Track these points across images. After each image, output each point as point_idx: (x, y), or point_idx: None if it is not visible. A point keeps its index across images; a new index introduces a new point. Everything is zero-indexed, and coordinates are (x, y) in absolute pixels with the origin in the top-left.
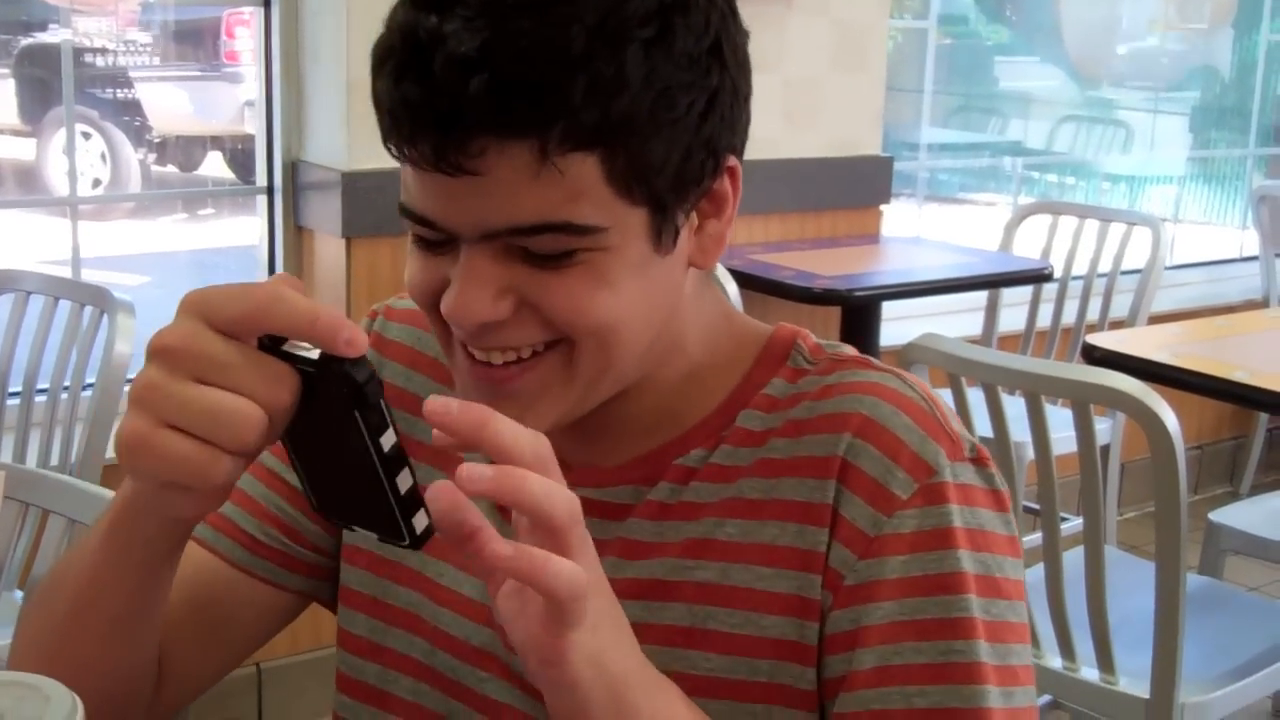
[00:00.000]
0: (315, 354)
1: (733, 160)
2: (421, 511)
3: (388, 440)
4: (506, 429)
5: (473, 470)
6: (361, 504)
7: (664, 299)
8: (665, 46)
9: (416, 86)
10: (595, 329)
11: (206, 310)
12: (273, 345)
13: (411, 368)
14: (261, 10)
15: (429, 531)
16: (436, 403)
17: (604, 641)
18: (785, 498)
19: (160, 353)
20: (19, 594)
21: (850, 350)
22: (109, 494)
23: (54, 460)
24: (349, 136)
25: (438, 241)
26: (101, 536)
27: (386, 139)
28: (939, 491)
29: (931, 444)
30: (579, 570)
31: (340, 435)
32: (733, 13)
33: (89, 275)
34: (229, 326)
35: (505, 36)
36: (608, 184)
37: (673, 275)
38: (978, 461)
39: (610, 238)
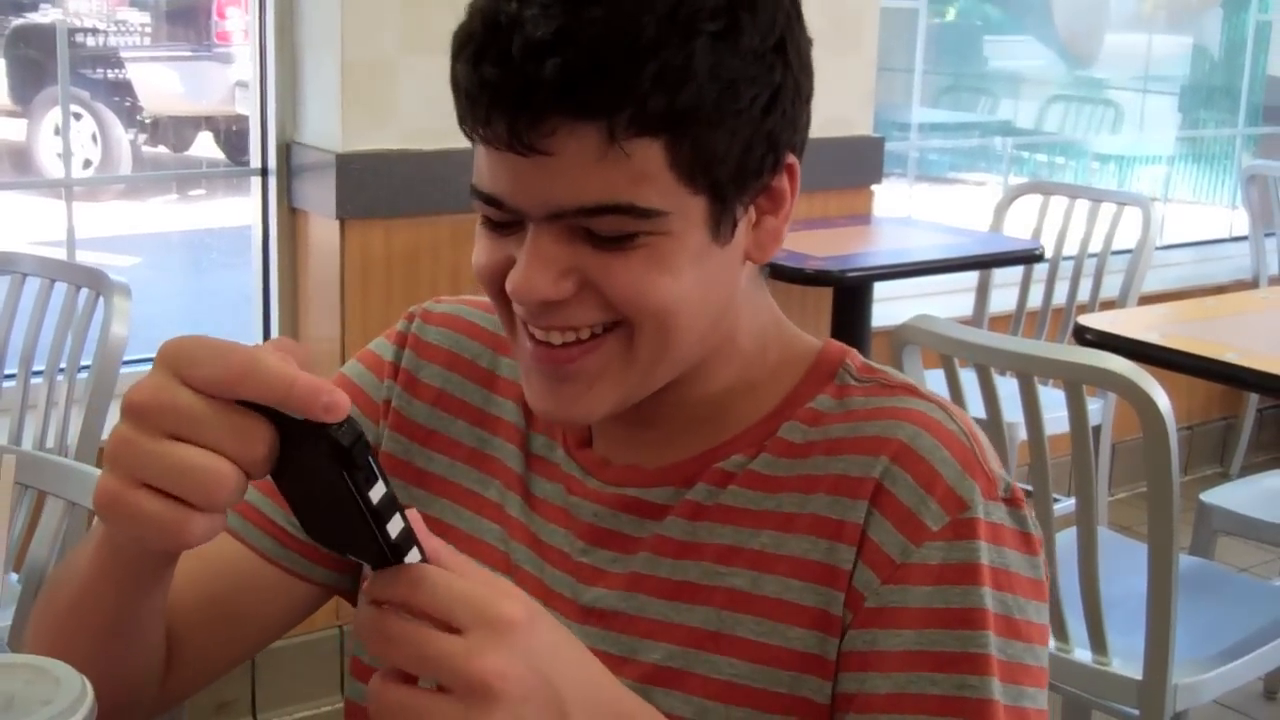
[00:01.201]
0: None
1: (792, 159)
2: (415, 550)
3: (376, 493)
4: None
5: None
6: (353, 539)
7: (720, 289)
8: (732, 40)
9: (494, 68)
10: (654, 311)
11: (180, 366)
12: None
13: (450, 369)
14: None
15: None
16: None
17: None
18: (819, 513)
19: (132, 409)
20: (14, 577)
21: (900, 376)
22: None
23: (50, 442)
24: (343, 118)
25: (504, 223)
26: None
27: (462, 121)
28: (970, 527)
29: (968, 480)
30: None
31: (327, 484)
32: (798, 16)
33: (80, 256)
34: (204, 388)
35: (579, 23)
36: (671, 170)
37: (729, 267)
38: (1011, 502)
39: (671, 223)
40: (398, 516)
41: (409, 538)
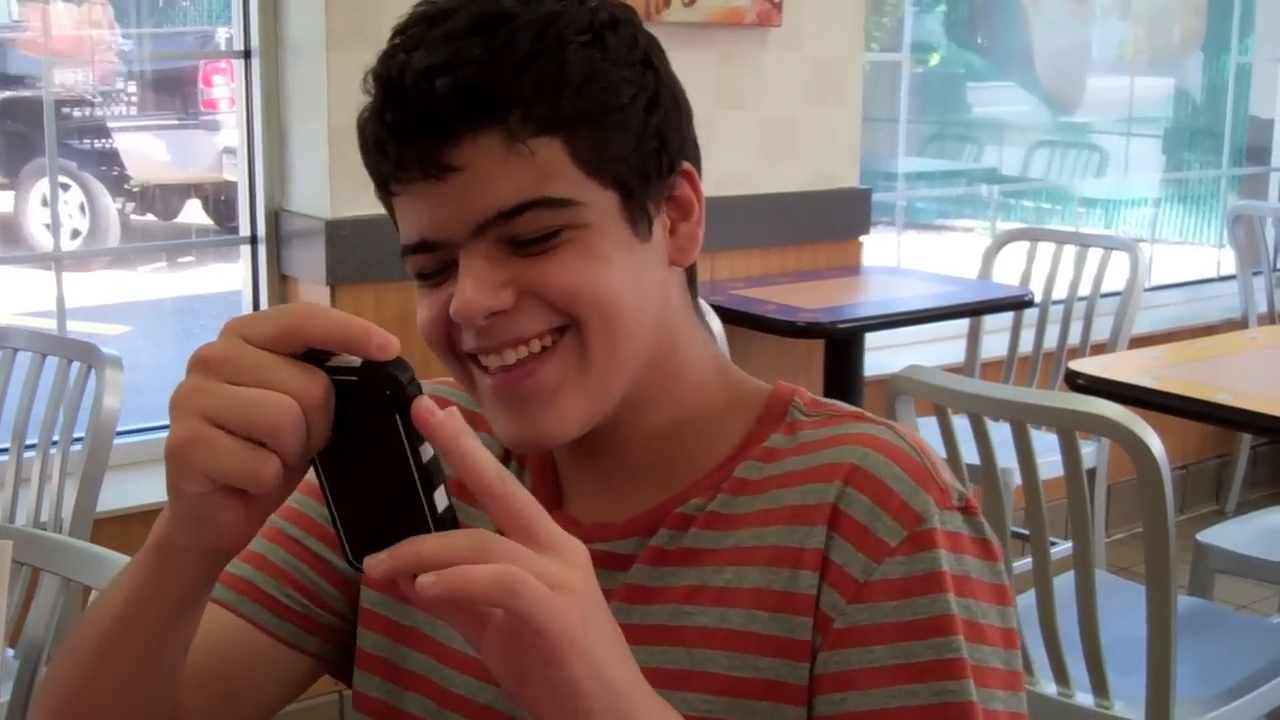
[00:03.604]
0: (357, 362)
1: (688, 166)
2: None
3: (426, 451)
4: (476, 444)
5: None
6: (395, 533)
7: (652, 286)
8: (600, 49)
9: (395, 110)
10: (595, 302)
11: (244, 328)
12: (314, 362)
13: None
14: (242, 61)
15: None
16: (422, 403)
17: (601, 649)
18: (780, 544)
19: (199, 362)
20: (10, 652)
21: (848, 406)
22: (104, 552)
23: (45, 516)
24: (332, 185)
25: (438, 271)
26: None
27: (377, 173)
28: (928, 538)
29: (921, 493)
30: (501, 569)
31: (378, 451)
32: (661, 53)
33: (70, 326)
34: (267, 343)
35: (461, 51)
36: (575, 165)
37: (656, 266)
38: (966, 511)
39: (587, 214)
40: (443, 490)
41: (453, 520)
